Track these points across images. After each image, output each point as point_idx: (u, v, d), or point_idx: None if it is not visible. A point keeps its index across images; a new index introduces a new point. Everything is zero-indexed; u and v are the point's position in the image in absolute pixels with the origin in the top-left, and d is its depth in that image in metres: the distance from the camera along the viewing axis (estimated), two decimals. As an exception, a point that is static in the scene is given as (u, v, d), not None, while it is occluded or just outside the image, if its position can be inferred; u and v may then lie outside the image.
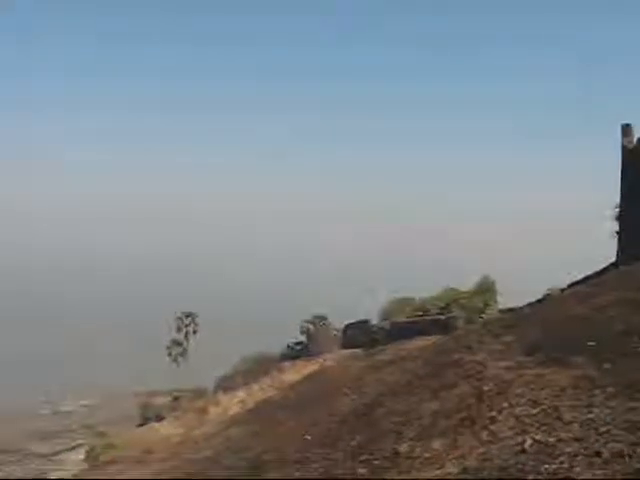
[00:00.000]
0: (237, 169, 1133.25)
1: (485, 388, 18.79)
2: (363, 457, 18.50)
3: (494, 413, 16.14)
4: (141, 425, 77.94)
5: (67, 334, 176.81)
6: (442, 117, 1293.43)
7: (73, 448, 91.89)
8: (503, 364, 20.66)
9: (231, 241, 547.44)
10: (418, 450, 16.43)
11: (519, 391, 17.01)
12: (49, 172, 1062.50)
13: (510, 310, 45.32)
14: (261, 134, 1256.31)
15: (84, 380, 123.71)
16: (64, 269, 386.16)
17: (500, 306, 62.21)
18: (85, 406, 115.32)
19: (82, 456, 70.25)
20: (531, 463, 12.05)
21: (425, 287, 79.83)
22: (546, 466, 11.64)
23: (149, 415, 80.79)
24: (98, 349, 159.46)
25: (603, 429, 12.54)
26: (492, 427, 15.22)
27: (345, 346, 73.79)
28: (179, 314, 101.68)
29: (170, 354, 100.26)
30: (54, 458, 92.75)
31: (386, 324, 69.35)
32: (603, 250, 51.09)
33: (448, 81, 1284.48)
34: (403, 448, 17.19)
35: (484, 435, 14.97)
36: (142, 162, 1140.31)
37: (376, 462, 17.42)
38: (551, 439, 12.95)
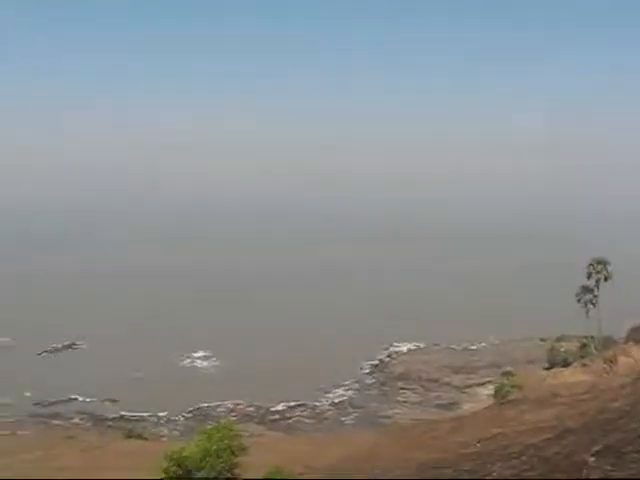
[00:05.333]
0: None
1: None
2: None
3: None
4: (548, 369, 78.08)
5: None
6: None
7: (482, 384, 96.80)
8: None
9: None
10: None
11: None
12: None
13: None
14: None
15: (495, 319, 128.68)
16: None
17: None
18: (493, 345, 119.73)
19: (490, 392, 73.28)
20: None
21: None
22: None
23: (556, 360, 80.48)
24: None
25: None
26: None
27: None
28: (591, 261, 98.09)
29: (579, 300, 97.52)
30: (466, 390, 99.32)
31: None
32: None
33: None
34: None
35: None
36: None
37: None
38: None
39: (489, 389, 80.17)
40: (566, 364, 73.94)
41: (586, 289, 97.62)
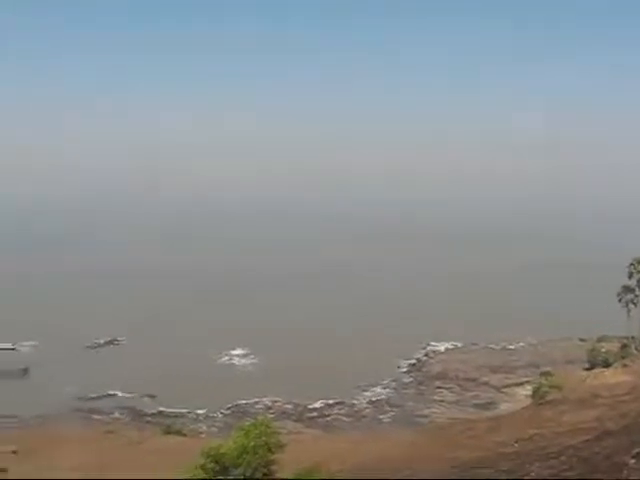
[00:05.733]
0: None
1: None
2: None
3: None
4: (588, 369, 77.11)
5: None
6: None
7: (521, 384, 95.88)
8: None
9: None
10: None
11: None
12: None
13: None
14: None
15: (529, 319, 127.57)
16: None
17: None
18: (531, 345, 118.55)
19: (528, 392, 72.67)
20: None
21: None
22: None
23: (596, 360, 79.41)
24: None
25: None
26: None
27: None
28: (632, 260, 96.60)
29: (620, 300, 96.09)
30: (504, 390, 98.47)
31: None
32: None
33: None
34: None
35: None
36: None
37: None
38: None
39: (527, 389, 79.49)
40: (607, 365, 72.95)
41: (627, 289, 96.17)
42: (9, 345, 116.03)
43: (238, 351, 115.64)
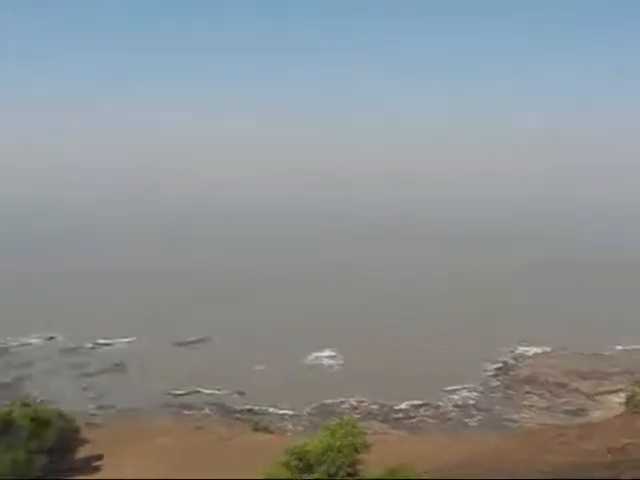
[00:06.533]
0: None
1: None
2: None
3: None
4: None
5: None
6: None
7: (614, 391, 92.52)
8: None
9: None
10: None
11: None
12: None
13: None
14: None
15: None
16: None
17: None
18: (625, 351, 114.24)
19: (621, 399, 70.16)
20: None
21: None
22: None
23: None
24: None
25: None
26: None
27: None
28: None
29: None
30: (596, 397, 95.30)
31: None
32: None
33: None
34: None
35: None
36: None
37: None
38: None
39: (620, 397, 76.68)
40: None
41: None
42: (108, 341, 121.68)
43: (325, 352, 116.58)
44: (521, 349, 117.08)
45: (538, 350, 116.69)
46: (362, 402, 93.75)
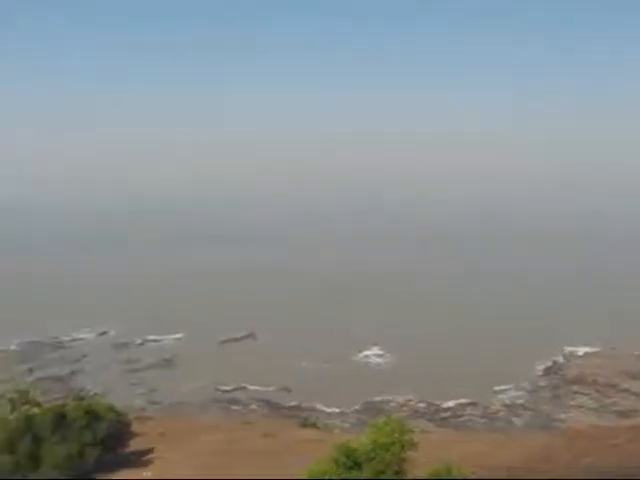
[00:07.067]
0: None
1: None
2: None
3: None
4: None
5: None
6: None
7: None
8: None
9: None
10: None
11: None
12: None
13: None
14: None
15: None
16: None
17: None
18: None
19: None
20: None
21: None
22: None
23: None
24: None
25: None
26: None
27: None
28: None
29: None
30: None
31: None
32: None
33: None
34: None
35: None
36: None
37: None
38: None
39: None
40: None
41: None
42: (157, 337, 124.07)
43: (373, 349, 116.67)
44: (570, 349, 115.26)
45: (588, 350, 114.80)
46: (409, 400, 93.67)
